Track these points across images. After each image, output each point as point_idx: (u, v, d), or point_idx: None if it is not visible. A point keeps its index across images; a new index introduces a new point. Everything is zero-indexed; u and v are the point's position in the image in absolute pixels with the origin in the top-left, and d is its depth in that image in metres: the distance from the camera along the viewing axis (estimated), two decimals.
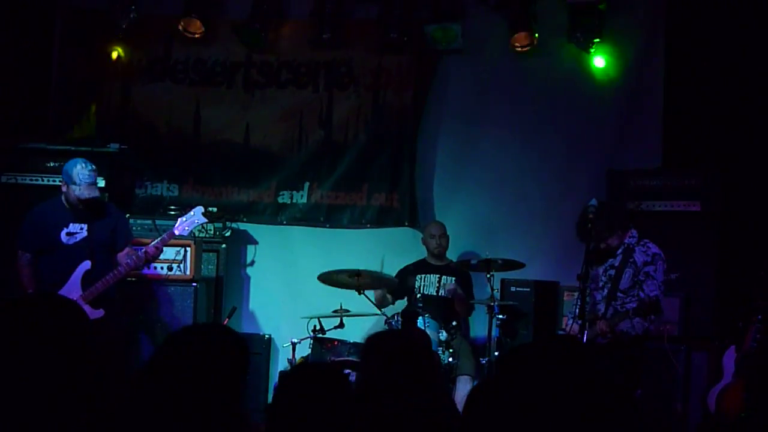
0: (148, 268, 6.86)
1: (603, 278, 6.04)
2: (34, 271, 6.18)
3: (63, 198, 6.14)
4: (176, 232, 6.25)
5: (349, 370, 6.17)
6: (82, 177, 5.99)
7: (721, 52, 7.43)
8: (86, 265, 6.03)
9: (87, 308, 5.89)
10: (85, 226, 6.10)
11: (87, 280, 6.02)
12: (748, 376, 6.08)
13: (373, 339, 3.79)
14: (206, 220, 6.45)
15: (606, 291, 6.00)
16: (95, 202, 6.12)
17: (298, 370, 3.33)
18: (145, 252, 6.14)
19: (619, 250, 6.02)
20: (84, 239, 6.10)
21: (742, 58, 7.36)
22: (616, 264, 6.01)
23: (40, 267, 6.19)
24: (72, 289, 5.97)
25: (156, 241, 6.20)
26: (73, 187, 6.00)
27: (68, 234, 6.10)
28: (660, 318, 6.10)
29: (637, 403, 5.66)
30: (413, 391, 3.50)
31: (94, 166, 6.12)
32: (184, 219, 6.30)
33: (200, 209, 6.36)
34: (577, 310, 5.73)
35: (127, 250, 6.28)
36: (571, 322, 6.02)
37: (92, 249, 6.07)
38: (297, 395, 2.82)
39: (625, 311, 5.76)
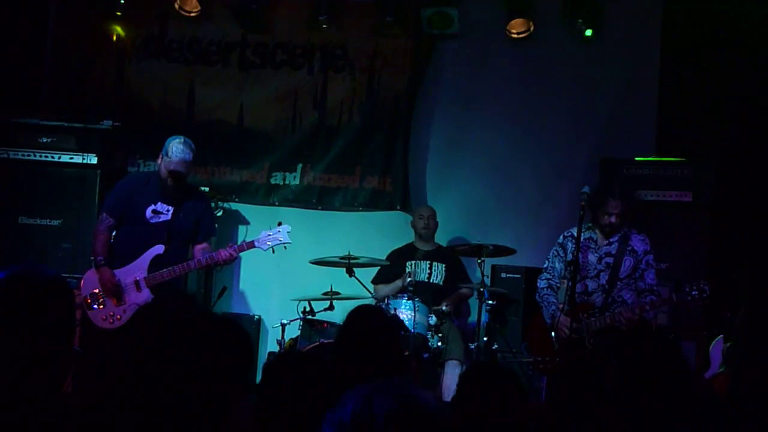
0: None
1: (598, 266, 5.99)
2: (110, 238, 6.03)
3: (159, 173, 5.99)
4: (255, 245, 6.03)
5: None
6: (175, 151, 5.84)
7: (717, 44, 7.44)
8: (159, 248, 5.89)
9: (146, 292, 5.84)
10: (172, 210, 5.96)
11: (155, 264, 5.88)
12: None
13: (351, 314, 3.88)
14: (290, 242, 6.07)
15: (603, 279, 5.96)
16: (181, 178, 5.92)
17: (280, 358, 3.35)
18: (219, 254, 5.89)
19: (615, 238, 5.99)
20: (166, 222, 5.96)
21: (737, 51, 7.36)
22: (613, 252, 5.97)
23: (116, 237, 6.06)
24: (138, 268, 5.87)
25: (233, 247, 5.97)
26: (166, 159, 5.86)
27: (154, 212, 5.94)
28: None
29: None
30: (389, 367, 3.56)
31: (193, 145, 5.95)
32: (269, 233, 6.05)
33: (287, 228, 6.06)
34: (566, 300, 5.72)
35: (205, 245, 6.12)
36: (559, 314, 5.94)
37: (170, 234, 5.94)
38: (282, 382, 2.86)
39: (659, 301, 5.79)
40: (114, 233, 6.10)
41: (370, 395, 1.84)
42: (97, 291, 5.83)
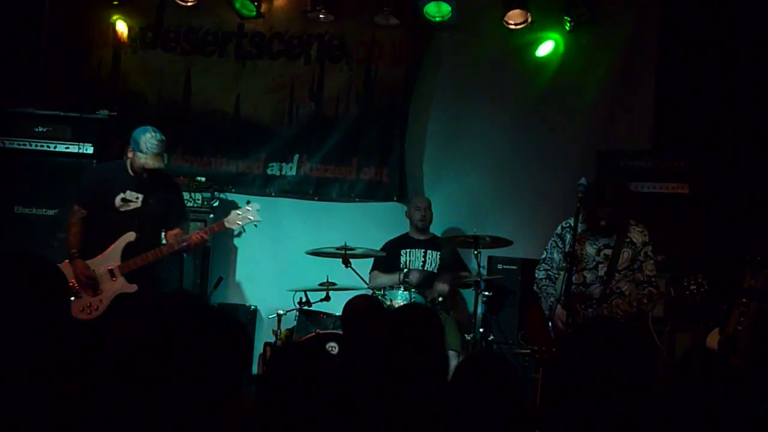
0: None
1: (597, 258, 5.95)
2: (82, 230, 5.96)
3: (128, 163, 5.93)
4: (225, 225, 6.03)
5: (334, 343, 6.20)
6: (150, 146, 5.77)
7: (715, 35, 7.42)
8: (130, 236, 5.85)
9: (120, 280, 5.82)
10: (141, 197, 5.89)
11: (129, 251, 5.84)
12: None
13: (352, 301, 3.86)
14: (260, 220, 6.06)
15: (601, 271, 5.93)
16: (159, 173, 5.91)
17: (285, 348, 3.35)
18: (190, 238, 5.89)
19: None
20: (136, 210, 5.90)
21: (735, 42, 7.35)
22: (611, 244, 5.94)
23: (88, 227, 5.99)
24: (111, 257, 5.83)
25: (203, 229, 5.97)
26: (140, 155, 5.79)
27: (123, 200, 5.88)
28: None
29: None
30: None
31: (164, 137, 5.88)
32: (238, 213, 6.03)
33: (257, 206, 6.05)
34: (563, 291, 5.69)
35: (177, 230, 6.05)
36: (556, 304, 5.91)
37: (142, 221, 5.88)
38: (284, 371, 2.86)
39: (657, 293, 5.78)
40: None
41: None
42: (72, 282, 5.80)
